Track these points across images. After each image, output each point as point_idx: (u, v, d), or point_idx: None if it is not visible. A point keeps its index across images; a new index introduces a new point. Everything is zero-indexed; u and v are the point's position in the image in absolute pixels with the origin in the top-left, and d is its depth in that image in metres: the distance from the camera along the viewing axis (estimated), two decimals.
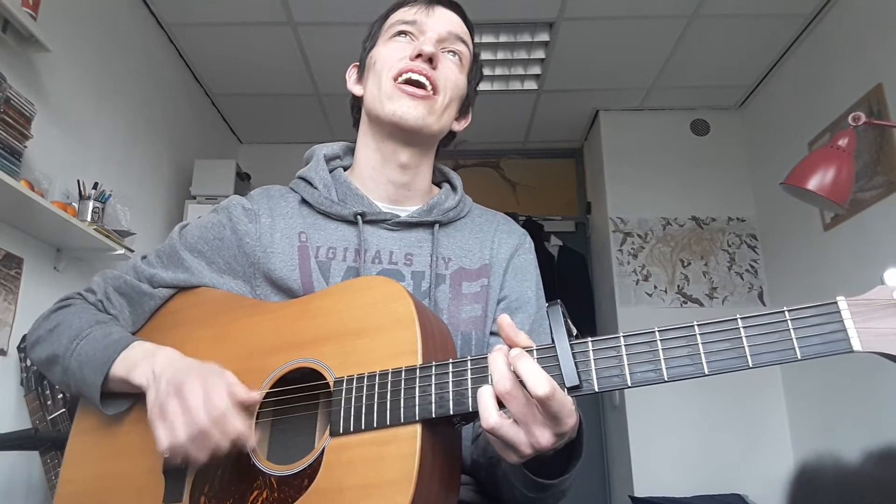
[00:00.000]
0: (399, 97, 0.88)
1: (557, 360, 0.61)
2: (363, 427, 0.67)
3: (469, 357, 0.65)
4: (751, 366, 0.56)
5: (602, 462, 3.42)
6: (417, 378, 0.66)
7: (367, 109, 0.93)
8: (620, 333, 0.61)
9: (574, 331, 0.63)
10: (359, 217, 0.89)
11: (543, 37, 2.95)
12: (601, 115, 3.54)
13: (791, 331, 0.56)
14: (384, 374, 0.68)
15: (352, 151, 0.99)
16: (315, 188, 0.92)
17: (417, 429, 0.64)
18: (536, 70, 3.21)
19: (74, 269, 2.19)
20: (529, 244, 1.00)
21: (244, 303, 0.86)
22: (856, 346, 0.54)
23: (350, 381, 0.69)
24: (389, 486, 0.62)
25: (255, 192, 0.96)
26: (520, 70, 3.20)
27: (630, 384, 0.59)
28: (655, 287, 3.22)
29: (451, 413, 0.64)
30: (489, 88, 3.30)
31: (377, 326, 0.71)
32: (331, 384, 0.71)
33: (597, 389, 0.61)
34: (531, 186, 3.94)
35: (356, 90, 0.98)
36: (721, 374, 0.58)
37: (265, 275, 0.87)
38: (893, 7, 2.28)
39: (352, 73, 1.00)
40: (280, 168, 2.58)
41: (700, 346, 0.58)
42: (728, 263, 3.24)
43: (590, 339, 0.62)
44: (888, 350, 0.53)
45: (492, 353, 0.62)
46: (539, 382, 0.58)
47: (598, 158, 3.55)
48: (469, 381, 0.64)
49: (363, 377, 0.69)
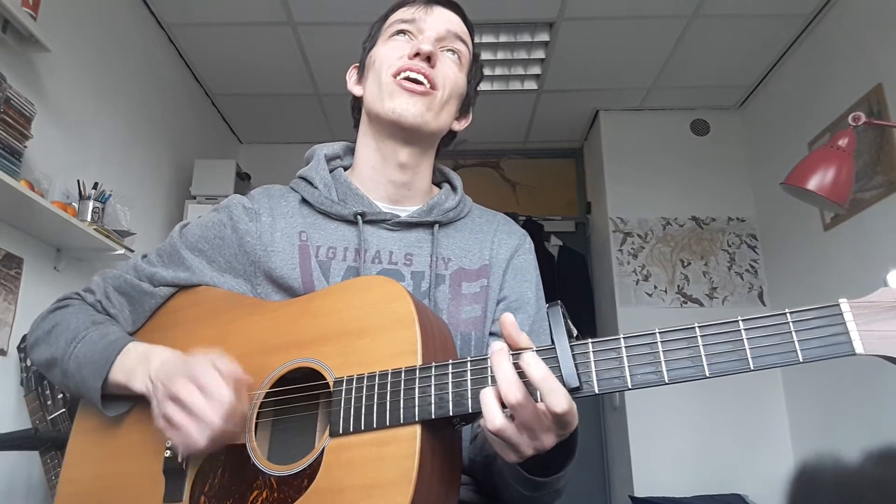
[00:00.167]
0: (399, 94, 0.88)
1: (557, 362, 0.60)
2: (363, 427, 0.67)
3: (469, 358, 0.65)
4: (752, 368, 0.56)
5: (602, 462, 3.41)
6: (417, 379, 0.66)
7: (368, 108, 0.93)
8: (621, 335, 0.60)
9: (574, 331, 0.62)
10: (359, 217, 0.89)
11: (543, 37, 2.94)
12: (601, 115, 3.54)
13: (793, 333, 0.55)
14: (384, 375, 0.68)
15: (352, 151, 1.00)
16: (315, 188, 0.93)
17: (417, 429, 0.64)
18: (536, 70, 3.21)
19: (74, 269, 2.19)
20: (529, 245, 1.00)
21: (245, 302, 0.86)
22: (858, 349, 0.53)
23: (350, 382, 0.69)
24: (389, 487, 0.62)
25: (256, 192, 0.96)
26: (520, 70, 3.20)
27: (630, 386, 0.59)
28: (655, 287, 3.22)
29: (451, 414, 0.63)
30: (489, 88, 3.30)
31: (377, 326, 0.71)
32: (331, 384, 0.71)
33: (597, 391, 0.60)
34: (531, 186, 3.94)
35: (356, 91, 0.98)
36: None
37: (266, 274, 0.87)
38: (893, 7, 2.28)
39: (352, 74, 1.01)
40: (280, 168, 2.58)
41: (701, 348, 0.58)
42: (728, 263, 3.24)
43: (590, 341, 0.61)
44: (891, 353, 0.53)
45: (495, 356, 0.61)
46: (558, 401, 0.57)
47: (598, 158, 3.55)
48: (469, 382, 0.64)
49: (363, 377, 0.69)
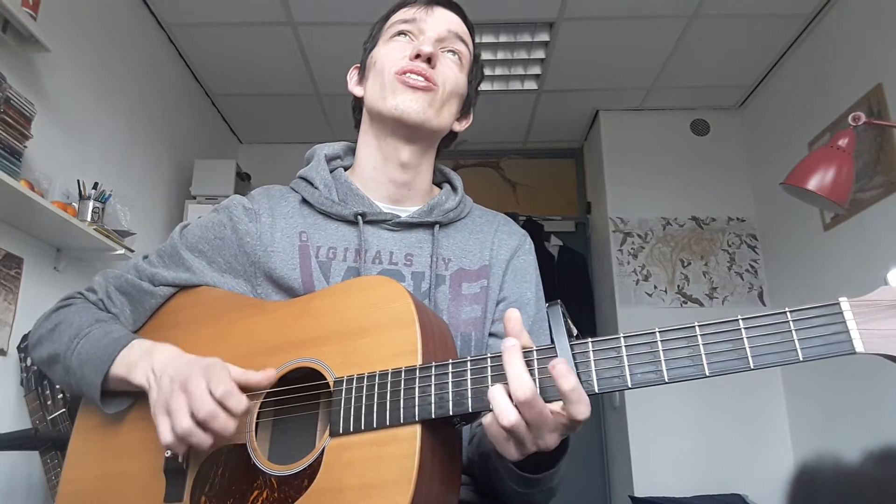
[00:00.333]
0: (402, 90, 0.88)
1: None
2: (363, 427, 0.67)
3: (469, 357, 0.65)
4: (752, 367, 0.56)
5: (602, 462, 3.41)
6: (417, 378, 0.66)
7: (369, 108, 0.93)
8: (621, 334, 0.61)
9: (574, 331, 0.62)
10: (359, 217, 0.90)
11: (543, 37, 2.94)
12: (601, 115, 3.54)
13: (793, 332, 0.55)
14: (384, 375, 0.68)
15: (353, 151, 1.00)
16: (316, 188, 0.93)
17: (417, 429, 0.64)
18: (536, 70, 3.21)
19: (74, 269, 2.19)
20: (529, 245, 1.00)
21: (245, 302, 0.86)
22: (858, 348, 0.53)
23: (350, 381, 0.69)
24: (389, 487, 0.62)
25: (256, 192, 0.96)
26: (520, 70, 3.20)
27: (630, 385, 0.59)
28: (655, 287, 3.22)
29: (451, 414, 0.63)
30: (489, 88, 3.30)
31: (377, 326, 0.71)
32: (331, 384, 0.71)
33: (597, 390, 0.60)
34: (531, 186, 3.94)
35: (357, 91, 0.98)
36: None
37: (266, 274, 0.87)
38: (893, 7, 2.28)
39: (353, 75, 1.01)
40: (280, 168, 2.58)
41: (701, 347, 0.58)
42: (728, 263, 3.24)
43: (590, 340, 0.61)
44: (891, 352, 0.53)
45: (507, 352, 0.61)
46: (583, 410, 0.58)
47: (598, 158, 3.55)
48: (469, 382, 0.64)
49: (363, 377, 0.69)
